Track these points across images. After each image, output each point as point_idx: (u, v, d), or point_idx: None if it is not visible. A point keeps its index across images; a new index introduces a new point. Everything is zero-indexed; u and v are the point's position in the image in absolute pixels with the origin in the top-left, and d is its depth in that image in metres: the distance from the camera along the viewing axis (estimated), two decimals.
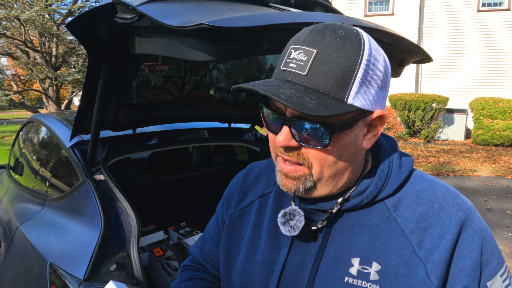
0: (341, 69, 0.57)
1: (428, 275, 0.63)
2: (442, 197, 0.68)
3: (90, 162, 1.83)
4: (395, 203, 0.69)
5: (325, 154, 0.62)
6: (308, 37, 0.60)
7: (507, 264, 3.37)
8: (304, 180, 0.65)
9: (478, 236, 0.65)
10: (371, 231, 0.68)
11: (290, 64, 0.60)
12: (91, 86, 1.46)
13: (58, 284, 1.42)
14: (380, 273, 0.65)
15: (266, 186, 0.84)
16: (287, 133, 0.61)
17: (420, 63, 1.51)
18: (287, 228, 0.69)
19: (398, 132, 11.76)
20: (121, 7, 0.97)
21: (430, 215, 0.66)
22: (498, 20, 11.99)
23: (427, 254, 0.64)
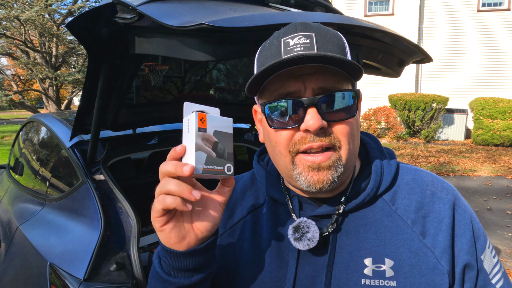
0: (338, 47, 0.62)
1: (438, 261, 0.65)
2: (431, 184, 0.71)
3: (90, 162, 1.83)
4: (392, 197, 0.70)
5: (351, 128, 0.64)
6: (297, 27, 0.62)
7: (508, 265, 3.34)
8: (336, 167, 0.63)
9: (467, 215, 0.69)
10: (376, 228, 0.68)
11: (295, 49, 0.60)
12: (91, 86, 1.46)
13: (58, 284, 1.41)
14: (394, 268, 0.65)
15: (255, 199, 0.80)
16: (316, 114, 0.60)
17: (420, 63, 1.51)
18: (305, 242, 0.66)
19: (398, 132, 11.76)
20: (121, 7, 0.97)
21: (425, 202, 0.69)
22: (498, 20, 11.99)
23: (433, 241, 0.66)
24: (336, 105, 0.61)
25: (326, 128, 0.62)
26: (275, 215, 0.75)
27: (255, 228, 0.77)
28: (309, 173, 0.63)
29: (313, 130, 0.60)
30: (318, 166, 0.62)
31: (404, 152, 9.64)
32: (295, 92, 0.62)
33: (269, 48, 0.64)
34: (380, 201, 0.70)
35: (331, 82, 0.62)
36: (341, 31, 1.12)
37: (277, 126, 0.64)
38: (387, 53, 1.35)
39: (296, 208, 0.72)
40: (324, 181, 0.63)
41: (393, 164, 0.73)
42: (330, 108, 0.61)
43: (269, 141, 0.69)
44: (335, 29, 0.95)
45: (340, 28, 1.10)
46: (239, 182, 0.86)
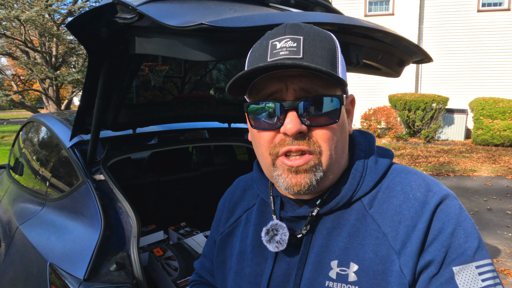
0: (328, 51, 0.62)
1: (401, 269, 0.61)
2: (416, 188, 0.66)
3: (90, 162, 1.83)
4: (370, 200, 0.68)
5: (332, 134, 0.63)
6: (286, 30, 0.62)
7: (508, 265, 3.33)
8: (315, 170, 0.63)
9: (451, 220, 0.62)
10: (348, 231, 0.67)
11: (280, 53, 0.60)
12: (91, 86, 1.46)
13: (58, 284, 1.41)
14: (358, 273, 0.63)
15: (253, 198, 0.83)
16: (295, 118, 0.60)
17: (420, 63, 1.51)
18: (274, 244, 0.68)
19: (398, 132, 11.76)
20: (121, 7, 0.97)
21: (404, 207, 0.64)
22: (498, 20, 11.99)
23: (401, 247, 0.62)
24: (317, 110, 0.61)
25: (306, 133, 0.62)
26: (262, 214, 0.78)
27: (246, 226, 0.81)
28: (288, 175, 0.64)
29: (291, 134, 0.60)
30: (296, 169, 0.63)
31: (404, 152, 9.64)
32: (276, 92, 0.62)
33: (258, 49, 0.64)
34: (358, 204, 0.68)
35: (315, 85, 0.61)
36: (341, 31, 1.13)
37: (258, 127, 0.65)
38: (387, 53, 1.35)
39: (277, 208, 0.74)
40: (301, 184, 0.63)
41: (380, 167, 0.70)
42: (311, 113, 0.61)
43: (253, 141, 0.70)
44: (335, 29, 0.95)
45: (340, 28, 1.10)
46: (241, 182, 0.90)
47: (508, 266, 3.55)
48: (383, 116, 11.81)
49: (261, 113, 0.64)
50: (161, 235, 2.34)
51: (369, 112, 12.12)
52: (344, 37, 1.15)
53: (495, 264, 3.61)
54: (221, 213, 0.90)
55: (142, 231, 2.27)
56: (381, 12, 13.00)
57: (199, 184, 2.99)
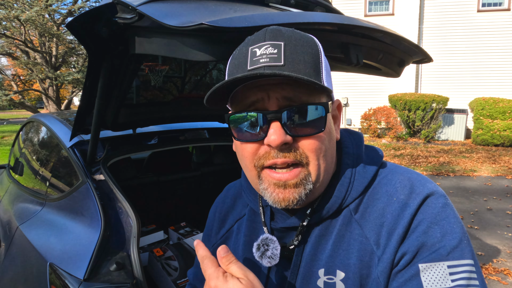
0: (311, 57, 0.58)
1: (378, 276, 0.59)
2: (400, 189, 0.63)
3: (90, 162, 1.83)
4: (357, 205, 0.65)
5: (319, 143, 0.60)
6: (266, 35, 0.59)
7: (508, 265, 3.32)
8: (305, 183, 0.60)
9: (428, 220, 0.59)
10: (335, 239, 0.64)
11: (260, 60, 0.57)
12: (91, 86, 1.46)
13: (58, 284, 1.41)
14: (344, 281, 0.61)
15: (243, 207, 0.80)
16: (279, 128, 0.57)
17: (420, 63, 1.51)
18: (266, 260, 0.66)
19: (398, 132, 11.76)
20: (121, 7, 0.97)
21: (388, 210, 0.62)
22: (498, 20, 11.99)
23: (381, 252, 0.60)
24: (302, 119, 0.58)
25: (291, 144, 0.58)
26: (252, 224, 0.75)
27: (237, 237, 0.78)
28: (275, 190, 0.60)
29: (275, 146, 0.57)
30: (284, 184, 0.60)
31: (404, 152, 9.64)
32: (258, 101, 0.59)
33: (238, 56, 0.61)
34: (345, 210, 0.66)
35: (298, 93, 0.58)
36: (341, 31, 1.13)
37: (241, 138, 0.62)
38: (387, 53, 1.35)
39: (267, 220, 0.71)
40: (290, 199, 0.60)
41: (369, 171, 0.67)
42: (296, 122, 0.58)
43: (237, 152, 0.67)
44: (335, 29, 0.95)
45: (340, 28, 1.10)
46: (231, 189, 0.86)
47: (508, 266, 3.55)
48: (383, 116, 11.81)
49: (243, 123, 0.60)
50: (161, 235, 2.34)
51: (369, 112, 12.12)
52: (344, 37, 1.15)
53: (495, 264, 3.61)
54: (211, 223, 0.86)
55: (142, 231, 2.27)
56: (381, 12, 12.99)
57: (199, 184, 2.99)
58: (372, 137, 12.32)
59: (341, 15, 1.18)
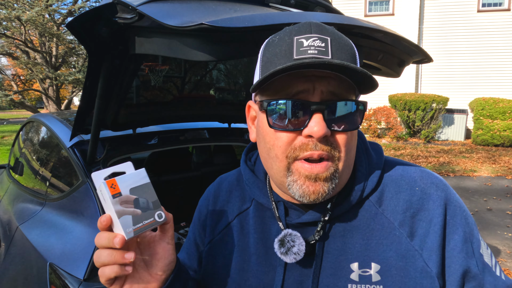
0: (350, 52, 0.60)
1: (426, 263, 0.63)
2: (420, 179, 0.68)
3: (90, 162, 1.83)
4: (378, 198, 0.67)
5: (351, 140, 0.62)
6: (312, 28, 0.59)
7: (508, 265, 3.34)
8: (333, 178, 0.61)
9: (460, 211, 0.66)
10: (363, 232, 0.66)
11: (308, 51, 0.57)
12: (91, 86, 1.46)
13: (58, 284, 1.41)
14: (380, 272, 0.63)
15: (241, 201, 0.78)
16: (322, 120, 0.57)
17: (420, 63, 1.51)
18: (291, 256, 0.64)
19: (398, 132, 11.76)
20: (121, 7, 0.97)
21: (414, 200, 0.66)
22: (498, 20, 11.99)
23: (421, 243, 0.63)
24: (343, 114, 0.59)
25: (328, 137, 0.59)
26: (262, 220, 0.73)
27: (242, 233, 0.75)
28: (305, 182, 0.60)
29: (317, 137, 0.57)
30: (316, 177, 0.60)
31: (404, 152, 9.64)
32: (303, 92, 0.58)
33: (279, 44, 0.60)
34: (367, 203, 0.67)
35: (341, 89, 0.59)
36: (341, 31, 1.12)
37: (277, 127, 0.60)
38: (387, 53, 1.35)
39: (282, 215, 0.69)
40: (319, 192, 0.60)
41: (379, 163, 0.70)
42: (337, 117, 0.59)
43: (264, 142, 0.64)
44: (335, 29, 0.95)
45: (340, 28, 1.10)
46: (224, 182, 0.84)
47: (508, 266, 3.55)
48: (383, 116, 11.81)
49: (284, 112, 0.59)
50: None
51: (369, 112, 12.12)
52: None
53: None
54: (204, 217, 0.82)
55: None
56: (381, 12, 12.99)
57: (199, 184, 2.99)
58: (372, 137, 12.32)
59: (341, 15, 1.18)
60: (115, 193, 0.60)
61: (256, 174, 0.77)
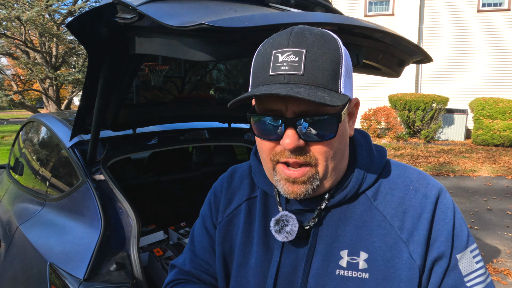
0: (330, 63, 0.62)
1: (411, 255, 0.67)
2: (416, 180, 0.73)
3: (90, 162, 1.83)
4: (374, 193, 0.73)
5: (328, 147, 0.66)
6: (290, 39, 0.62)
7: (508, 265, 3.34)
8: (311, 181, 0.67)
9: (450, 211, 0.70)
10: (355, 223, 0.71)
11: (282, 67, 0.61)
12: (91, 86, 1.46)
13: (58, 284, 1.42)
14: (368, 261, 0.68)
15: (251, 189, 0.85)
16: (294, 134, 0.63)
17: (420, 63, 1.51)
18: (284, 234, 0.71)
19: (398, 132, 11.76)
20: (121, 7, 0.97)
21: (407, 198, 0.71)
22: (498, 20, 11.99)
23: (408, 236, 0.68)
24: (315, 128, 0.63)
25: (303, 147, 0.65)
26: (266, 206, 0.80)
27: (249, 216, 0.82)
28: (285, 184, 0.68)
29: (288, 149, 0.63)
30: (293, 180, 0.66)
31: (404, 152, 9.64)
32: (277, 111, 0.64)
33: (262, 57, 0.65)
34: (363, 196, 0.73)
35: (313, 106, 0.62)
36: (341, 31, 1.13)
37: (260, 136, 0.68)
38: (387, 53, 1.35)
39: (282, 201, 0.76)
40: (297, 193, 0.67)
41: (380, 162, 0.76)
42: (308, 130, 0.63)
43: (257, 143, 0.73)
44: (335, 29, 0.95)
45: (340, 28, 1.10)
46: (238, 171, 0.91)
47: (508, 266, 3.55)
48: (383, 116, 11.81)
49: (263, 124, 0.66)
50: (161, 235, 2.34)
51: (369, 112, 12.12)
52: (344, 37, 1.15)
53: (495, 264, 3.62)
54: (218, 200, 0.88)
55: (142, 231, 2.27)
56: (381, 12, 12.99)
57: (199, 184, 2.99)
58: (372, 137, 12.32)
59: (341, 15, 1.18)
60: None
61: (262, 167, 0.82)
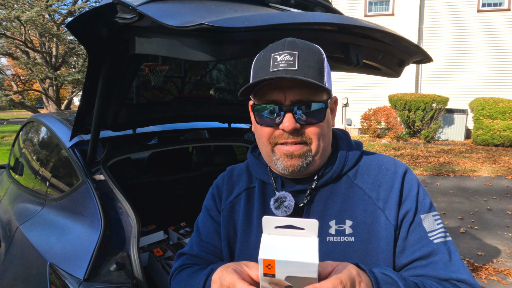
0: (317, 63, 0.78)
1: (387, 218, 0.82)
2: (386, 162, 0.90)
3: (90, 162, 1.83)
4: (354, 173, 0.89)
5: (320, 129, 0.82)
6: (285, 45, 0.78)
7: (508, 265, 3.34)
8: (305, 156, 0.82)
9: (415, 183, 0.86)
10: (340, 198, 0.86)
11: (280, 65, 0.76)
12: (91, 86, 1.46)
13: (58, 284, 1.42)
14: (353, 227, 0.83)
15: (249, 181, 0.98)
16: (291, 118, 0.78)
17: (420, 63, 1.51)
18: (283, 209, 0.85)
19: (398, 132, 11.76)
20: (121, 7, 0.97)
21: (380, 175, 0.87)
22: (498, 20, 11.98)
23: (384, 204, 0.84)
24: (308, 112, 0.79)
25: (299, 129, 0.80)
26: (263, 193, 0.94)
27: (248, 203, 0.95)
28: (284, 159, 0.82)
29: (288, 130, 0.79)
30: (291, 154, 0.81)
31: (404, 152, 9.64)
32: (278, 101, 0.79)
33: (263, 59, 0.79)
34: (345, 177, 0.89)
35: (306, 94, 0.78)
36: (341, 31, 1.12)
37: (262, 123, 0.83)
38: (387, 53, 1.35)
39: (279, 186, 0.91)
40: (295, 165, 0.82)
41: (357, 151, 0.92)
42: (303, 115, 0.79)
43: (256, 132, 0.88)
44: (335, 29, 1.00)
45: (340, 28, 1.10)
46: (236, 169, 1.04)
47: (508, 266, 3.55)
48: (383, 116, 11.80)
49: (265, 112, 0.81)
50: (161, 235, 2.34)
51: (369, 112, 12.12)
52: (344, 37, 1.15)
53: (495, 264, 3.61)
54: (220, 191, 1.01)
55: (142, 231, 2.27)
56: (381, 12, 12.99)
57: (199, 184, 2.99)
58: (372, 137, 12.32)
59: (341, 15, 1.18)
60: (268, 273, 0.52)
61: (260, 160, 0.98)
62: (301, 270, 0.51)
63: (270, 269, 0.51)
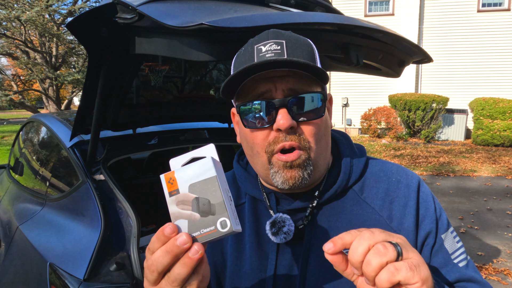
0: (308, 52, 0.67)
1: None
2: (396, 172, 0.78)
3: (90, 162, 1.83)
4: (361, 187, 0.77)
5: (318, 129, 0.69)
6: (269, 35, 0.67)
7: (508, 265, 3.34)
8: (305, 165, 0.68)
9: (430, 198, 0.76)
10: (347, 217, 0.74)
11: (266, 55, 0.64)
12: (91, 86, 1.46)
13: (58, 284, 1.42)
14: None
15: (237, 197, 0.84)
16: (286, 114, 0.64)
17: (420, 63, 1.51)
18: (282, 236, 0.70)
19: (398, 132, 11.76)
20: (121, 7, 0.97)
21: (391, 189, 0.76)
22: (498, 20, 11.99)
23: (399, 224, 0.73)
24: (305, 106, 0.66)
25: (295, 128, 0.66)
26: (255, 211, 0.80)
27: None
28: (284, 170, 0.68)
29: (284, 128, 0.64)
30: (291, 164, 0.67)
31: (404, 152, 9.64)
32: (266, 92, 0.65)
33: (244, 54, 0.68)
34: (351, 192, 0.76)
35: (300, 85, 0.66)
36: (341, 31, 1.12)
37: (251, 126, 0.68)
38: (387, 53, 1.35)
39: (273, 204, 0.77)
40: (295, 177, 0.67)
41: (362, 159, 0.80)
42: (300, 109, 0.66)
43: (246, 142, 0.72)
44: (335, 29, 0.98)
45: (340, 28, 1.10)
46: None
47: (508, 266, 3.55)
48: (383, 116, 11.80)
49: (253, 112, 0.67)
50: None
51: (369, 112, 12.12)
52: (344, 37, 1.15)
53: (495, 264, 3.62)
54: None
55: (142, 231, 2.27)
56: (381, 12, 12.99)
57: None
58: (372, 137, 12.32)
59: (341, 15, 1.18)
60: (172, 189, 0.49)
61: (248, 172, 0.84)
62: (199, 171, 0.50)
63: (172, 183, 0.50)
